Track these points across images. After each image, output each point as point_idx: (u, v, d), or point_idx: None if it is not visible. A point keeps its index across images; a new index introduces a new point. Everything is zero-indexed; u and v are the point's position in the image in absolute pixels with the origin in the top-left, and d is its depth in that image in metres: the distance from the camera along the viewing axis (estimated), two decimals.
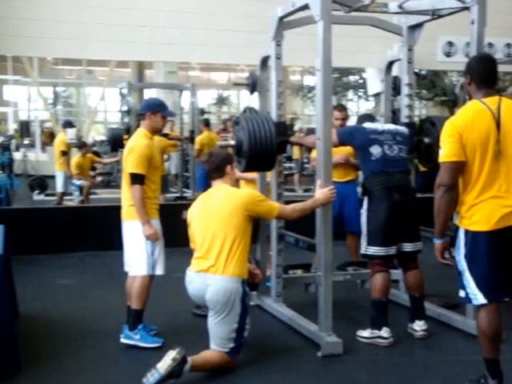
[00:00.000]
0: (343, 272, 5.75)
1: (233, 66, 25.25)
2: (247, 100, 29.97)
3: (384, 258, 4.90)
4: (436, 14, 5.05)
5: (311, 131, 6.45)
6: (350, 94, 22.78)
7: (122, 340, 4.80)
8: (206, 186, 10.91)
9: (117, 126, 17.20)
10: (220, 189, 4.40)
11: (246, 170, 5.15)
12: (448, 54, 9.31)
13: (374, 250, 4.90)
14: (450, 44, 9.35)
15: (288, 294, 5.59)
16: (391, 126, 5.19)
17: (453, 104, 8.09)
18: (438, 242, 3.82)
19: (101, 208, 9.40)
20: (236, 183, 4.67)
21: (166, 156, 11.65)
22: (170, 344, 4.41)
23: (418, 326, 4.97)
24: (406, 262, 5.07)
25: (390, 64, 6.03)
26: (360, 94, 21.52)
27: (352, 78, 21.59)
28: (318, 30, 4.54)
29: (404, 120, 5.66)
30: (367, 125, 5.10)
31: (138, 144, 4.77)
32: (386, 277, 4.89)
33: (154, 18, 9.04)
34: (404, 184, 4.97)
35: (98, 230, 8.32)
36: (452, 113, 8.20)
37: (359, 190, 5.63)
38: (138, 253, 4.78)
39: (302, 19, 5.34)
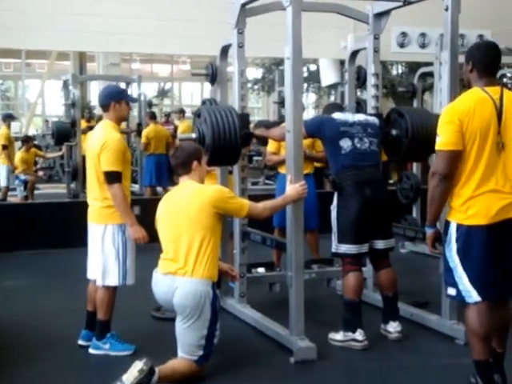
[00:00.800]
0: (308, 270, 5.47)
1: (176, 58, 24.77)
2: (189, 93, 29.71)
3: (356, 256, 4.65)
4: (407, 1, 4.81)
5: (260, 124, 6.12)
6: None
7: (91, 351, 4.46)
8: (153, 179, 10.82)
9: (57, 119, 16.68)
10: (185, 186, 4.08)
11: (209, 164, 4.79)
12: (402, 45, 9.18)
13: (345, 248, 4.63)
14: (404, 34, 9.23)
15: (251, 294, 5.29)
16: (361, 117, 4.89)
17: (411, 95, 7.88)
18: (430, 231, 3.68)
19: (47, 204, 9.07)
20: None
21: None
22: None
23: (393, 327, 4.70)
24: (379, 259, 4.82)
25: (354, 53, 5.80)
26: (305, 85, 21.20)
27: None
28: (287, 17, 4.28)
29: (371, 111, 5.42)
30: (337, 115, 4.77)
31: (111, 139, 4.34)
32: (359, 276, 4.64)
33: (100, 7, 8.63)
34: (375, 178, 4.73)
35: (46, 227, 7.95)
36: (411, 104, 8.01)
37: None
38: (110, 261, 4.39)
39: (266, 5, 5.08)
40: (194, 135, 4.82)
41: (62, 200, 10.32)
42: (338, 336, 4.59)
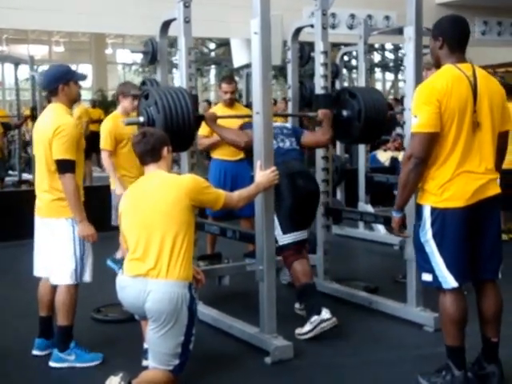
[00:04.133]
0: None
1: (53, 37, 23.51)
2: None
3: (301, 242, 4.57)
4: None
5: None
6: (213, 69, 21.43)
7: (52, 364, 3.90)
8: None
9: None
10: (154, 176, 3.57)
11: None
12: (333, 26, 8.94)
13: (290, 238, 4.51)
14: (333, 15, 8.99)
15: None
16: (276, 123, 4.79)
17: (334, 75, 7.60)
18: (397, 216, 3.50)
19: None
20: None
21: None
22: None
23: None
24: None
25: (298, 30, 5.42)
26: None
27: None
28: None
29: (320, 91, 5.09)
30: None
31: (64, 124, 3.83)
32: (305, 261, 4.53)
33: None
34: (304, 170, 4.75)
35: None
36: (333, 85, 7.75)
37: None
38: (64, 258, 3.88)
39: None
40: (141, 119, 4.31)
41: None
42: (306, 328, 4.28)
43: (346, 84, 11.85)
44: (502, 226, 7.18)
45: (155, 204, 3.45)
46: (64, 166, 3.79)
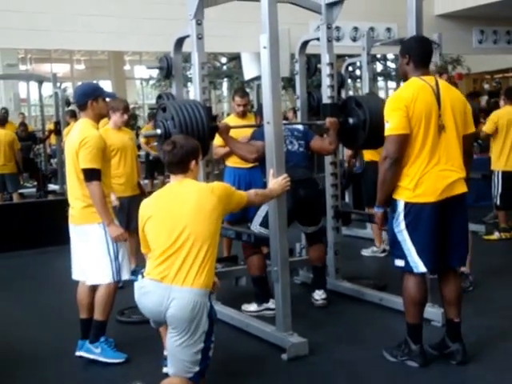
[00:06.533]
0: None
1: (75, 55, 23.62)
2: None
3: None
4: None
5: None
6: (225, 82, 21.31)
7: (80, 353, 3.96)
8: None
9: None
10: (186, 184, 3.38)
11: None
12: (337, 39, 8.91)
13: (264, 232, 4.45)
14: (337, 29, 8.97)
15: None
16: (288, 125, 4.91)
17: (339, 85, 7.57)
18: (379, 211, 3.77)
19: None
20: None
21: None
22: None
23: (318, 295, 4.87)
24: (310, 238, 5.05)
25: (305, 44, 5.41)
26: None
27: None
28: (263, 3, 3.88)
29: (326, 100, 5.08)
30: None
31: (90, 135, 3.88)
32: (260, 256, 4.74)
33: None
34: (308, 177, 4.81)
35: None
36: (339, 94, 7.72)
37: None
38: (100, 259, 3.93)
39: None
40: (159, 131, 4.30)
41: None
42: (251, 307, 4.72)
43: (351, 93, 11.80)
44: (503, 225, 7.20)
45: (190, 211, 3.26)
46: (90, 175, 3.85)
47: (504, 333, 4.24)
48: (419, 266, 3.60)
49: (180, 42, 4.85)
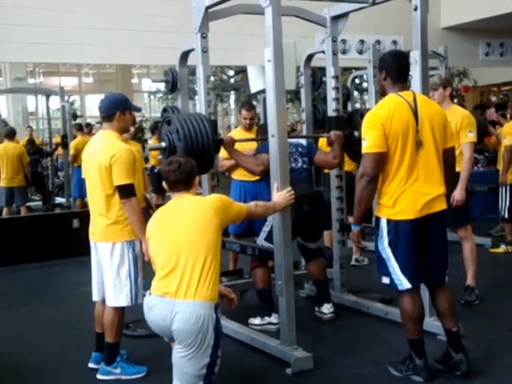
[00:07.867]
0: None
1: (81, 70, 23.74)
2: (93, 104, 28.50)
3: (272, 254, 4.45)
4: (375, 2, 4.49)
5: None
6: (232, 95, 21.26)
7: (100, 377, 3.89)
8: (82, 191, 10.08)
9: None
10: (185, 199, 3.44)
11: None
12: (343, 52, 8.93)
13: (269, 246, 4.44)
14: (343, 41, 8.98)
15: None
16: (292, 140, 4.87)
17: (345, 97, 7.58)
18: (356, 229, 3.75)
19: None
20: None
21: None
22: None
23: (326, 308, 4.84)
24: (310, 253, 4.98)
25: (310, 57, 5.41)
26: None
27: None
28: (267, 17, 3.86)
29: (332, 113, 5.07)
30: None
31: (120, 150, 3.75)
32: (265, 270, 4.76)
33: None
34: (311, 193, 4.80)
35: None
36: (345, 106, 7.72)
37: None
38: (122, 281, 3.83)
39: (229, 9, 4.63)
40: (163, 144, 4.30)
41: None
42: (256, 321, 4.69)
43: (357, 105, 11.81)
44: (510, 238, 7.15)
45: (185, 225, 3.31)
46: (126, 191, 3.73)
47: (511, 346, 4.19)
48: (404, 284, 3.57)
49: (185, 56, 4.86)
